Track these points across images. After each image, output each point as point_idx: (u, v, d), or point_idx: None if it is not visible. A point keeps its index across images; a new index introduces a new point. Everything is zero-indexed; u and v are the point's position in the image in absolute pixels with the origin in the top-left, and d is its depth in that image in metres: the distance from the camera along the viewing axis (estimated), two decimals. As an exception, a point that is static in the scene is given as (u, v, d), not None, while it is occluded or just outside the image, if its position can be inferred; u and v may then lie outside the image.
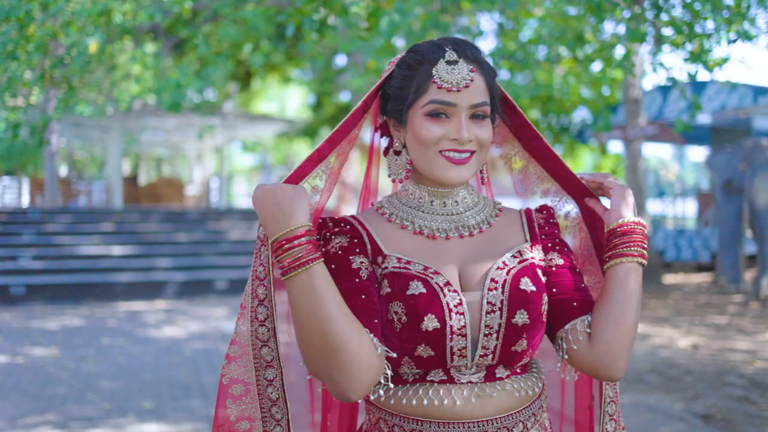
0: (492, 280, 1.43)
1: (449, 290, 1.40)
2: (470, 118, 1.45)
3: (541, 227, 1.60)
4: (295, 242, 1.31)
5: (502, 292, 1.42)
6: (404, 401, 1.44)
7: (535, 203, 1.71)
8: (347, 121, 1.50)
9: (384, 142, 1.63)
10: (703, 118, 14.15)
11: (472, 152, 1.47)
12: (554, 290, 1.51)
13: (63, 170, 26.77)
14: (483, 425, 1.42)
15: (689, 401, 5.79)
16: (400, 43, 10.70)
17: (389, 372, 1.40)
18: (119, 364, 7.20)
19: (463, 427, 1.42)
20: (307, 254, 1.31)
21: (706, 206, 16.29)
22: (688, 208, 20.23)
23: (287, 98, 35.12)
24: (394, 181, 1.57)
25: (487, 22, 12.75)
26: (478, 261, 1.48)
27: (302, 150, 38.07)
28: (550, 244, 1.58)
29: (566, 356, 1.50)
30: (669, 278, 14.33)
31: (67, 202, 20.35)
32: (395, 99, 1.50)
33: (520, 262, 1.48)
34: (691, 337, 8.37)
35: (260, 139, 26.56)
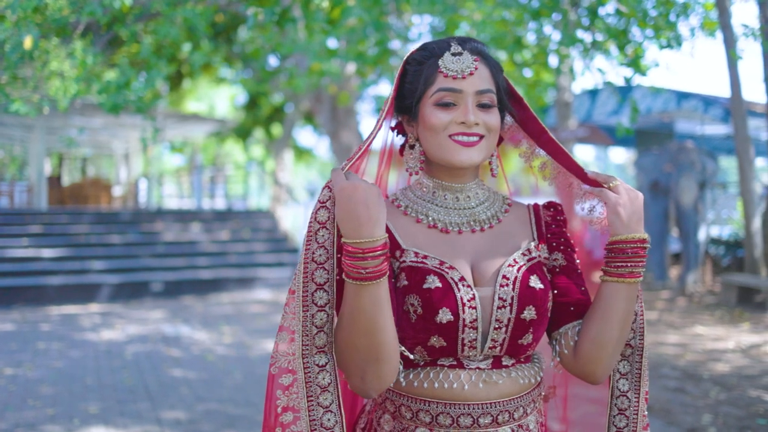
0: (503, 276, 1.51)
1: (463, 285, 1.48)
2: (477, 107, 1.52)
3: (548, 225, 1.68)
4: (371, 255, 1.32)
5: (513, 289, 1.50)
6: (415, 384, 1.51)
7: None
8: (385, 112, 1.56)
9: (400, 141, 1.69)
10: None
11: (481, 136, 1.53)
12: (555, 291, 1.61)
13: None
14: (487, 407, 1.50)
15: (628, 393, 6.01)
16: (333, 44, 10.74)
17: (401, 368, 1.50)
18: (58, 368, 7.02)
19: (469, 408, 1.50)
20: (381, 268, 1.34)
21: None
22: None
23: (216, 98, 34.60)
24: (410, 174, 1.63)
25: (422, 25, 12.85)
26: (489, 257, 1.55)
27: (234, 150, 37.49)
28: (555, 243, 1.66)
29: (558, 358, 1.61)
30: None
31: (-12, 203, 19.64)
32: (408, 94, 1.57)
33: (529, 260, 1.57)
34: (624, 332, 8.66)
35: (190, 139, 26.09)
